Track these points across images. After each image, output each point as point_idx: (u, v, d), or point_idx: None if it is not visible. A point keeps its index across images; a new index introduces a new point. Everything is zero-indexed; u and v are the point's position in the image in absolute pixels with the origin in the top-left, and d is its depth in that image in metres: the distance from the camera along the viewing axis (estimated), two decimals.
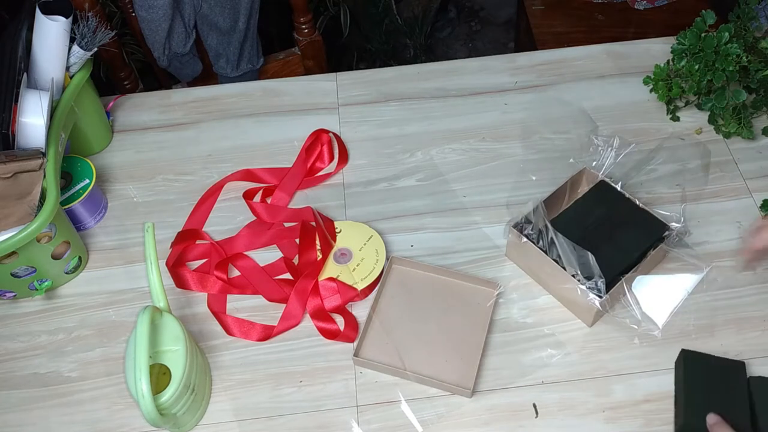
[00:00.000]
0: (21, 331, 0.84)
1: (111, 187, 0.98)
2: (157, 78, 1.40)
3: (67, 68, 0.90)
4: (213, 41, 1.29)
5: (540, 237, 0.80)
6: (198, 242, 0.91)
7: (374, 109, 1.04)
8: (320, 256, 0.86)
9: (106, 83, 1.41)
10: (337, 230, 0.89)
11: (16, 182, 0.79)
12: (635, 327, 0.79)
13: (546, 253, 0.79)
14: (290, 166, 0.97)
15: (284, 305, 0.83)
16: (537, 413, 0.75)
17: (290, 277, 0.86)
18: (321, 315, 0.82)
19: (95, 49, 0.90)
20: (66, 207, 0.88)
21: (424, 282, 0.85)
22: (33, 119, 0.82)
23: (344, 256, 0.87)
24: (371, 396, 0.77)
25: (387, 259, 0.86)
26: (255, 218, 0.93)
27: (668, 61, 1.01)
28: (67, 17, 0.86)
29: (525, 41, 1.68)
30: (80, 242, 0.89)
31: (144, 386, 0.63)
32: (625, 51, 1.09)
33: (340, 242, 0.88)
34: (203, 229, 0.92)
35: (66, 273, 0.87)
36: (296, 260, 0.88)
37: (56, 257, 0.84)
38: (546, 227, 0.79)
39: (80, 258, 0.88)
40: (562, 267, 0.78)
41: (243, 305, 0.85)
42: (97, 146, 1.01)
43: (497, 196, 0.93)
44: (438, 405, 0.76)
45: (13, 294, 0.85)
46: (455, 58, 1.58)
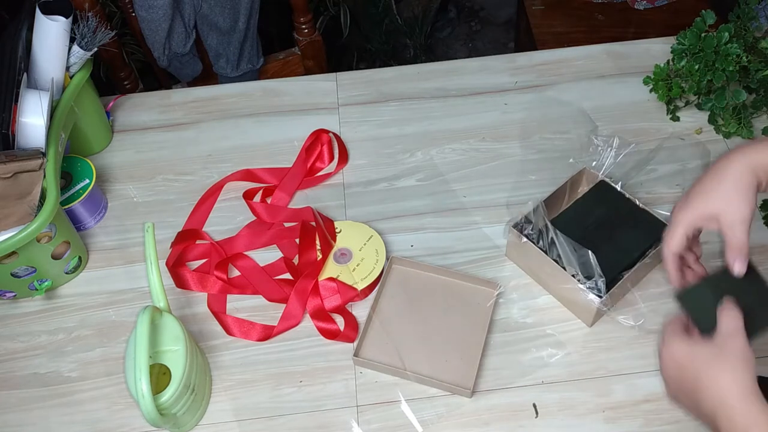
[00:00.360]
0: (21, 331, 0.84)
1: (111, 187, 0.98)
2: (157, 78, 1.40)
3: (67, 68, 0.90)
4: (213, 41, 1.29)
5: (540, 237, 0.80)
6: (198, 242, 0.91)
7: (374, 109, 1.04)
8: (320, 256, 0.86)
9: (106, 83, 1.41)
10: (337, 230, 0.89)
11: (16, 182, 0.79)
12: (635, 326, 0.79)
13: (546, 253, 0.79)
14: (290, 166, 0.97)
15: (284, 305, 0.83)
16: (537, 413, 0.75)
17: (290, 277, 0.86)
18: (321, 315, 0.82)
19: (95, 49, 0.90)
20: (66, 207, 0.88)
21: (424, 282, 0.85)
22: (33, 119, 0.82)
23: (344, 256, 0.87)
24: (371, 396, 0.77)
25: (387, 259, 0.86)
26: (255, 218, 0.93)
27: (668, 61, 1.01)
28: (67, 17, 0.86)
29: (525, 41, 1.68)
30: (80, 242, 0.89)
31: (144, 386, 0.63)
32: (625, 51, 1.09)
33: (340, 242, 0.88)
34: (203, 229, 0.92)
35: (66, 273, 0.87)
36: (296, 260, 0.88)
37: (56, 257, 0.84)
38: (546, 227, 0.79)
39: (80, 258, 0.88)
40: (562, 267, 0.78)
41: (243, 305, 0.85)
42: (97, 146, 1.01)
43: (497, 196, 0.93)
44: (438, 405, 0.76)
45: (13, 294, 0.85)
46: (455, 58, 1.58)
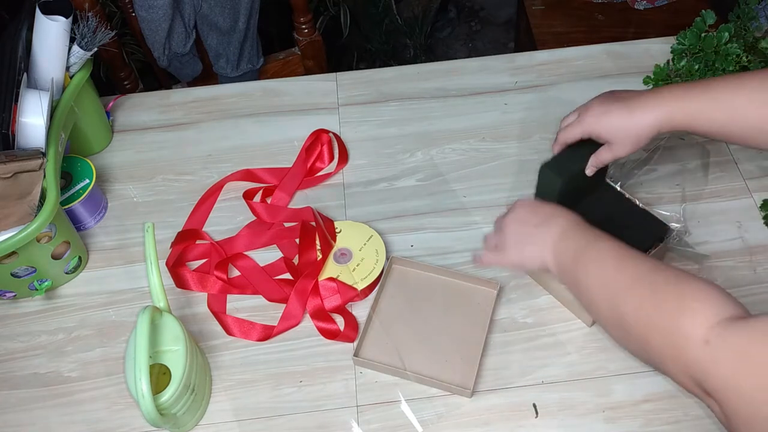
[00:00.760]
0: (21, 331, 0.84)
1: (111, 187, 0.98)
2: (157, 78, 1.40)
3: (67, 68, 0.90)
4: (213, 41, 1.29)
5: None
6: (198, 242, 0.91)
7: (374, 109, 1.04)
8: (320, 256, 0.86)
9: (106, 83, 1.41)
10: (337, 230, 0.89)
11: (16, 182, 0.79)
12: None
13: None
14: (290, 166, 0.97)
15: (284, 305, 0.83)
16: (537, 413, 0.75)
17: (290, 277, 0.86)
18: (321, 315, 0.82)
19: (95, 49, 0.90)
20: (66, 207, 0.88)
21: (424, 282, 0.85)
22: (33, 119, 0.82)
23: (344, 256, 0.87)
24: (371, 396, 0.77)
25: (387, 259, 0.86)
26: (255, 218, 0.93)
27: (668, 61, 1.01)
28: (67, 17, 0.86)
29: (525, 41, 1.68)
30: (80, 242, 0.89)
31: (144, 386, 0.63)
32: (625, 51, 1.09)
33: (340, 242, 0.88)
34: (203, 229, 0.92)
35: (66, 273, 0.87)
36: (296, 260, 0.88)
37: (56, 257, 0.84)
38: None
39: (80, 258, 0.88)
40: None
41: (243, 305, 0.85)
42: (97, 146, 1.01)
43: (497, 196, 0.93)
44: (438, 405, 0.76)
45: (13, 294, 0.85)
46: (455, 58, 1.58)
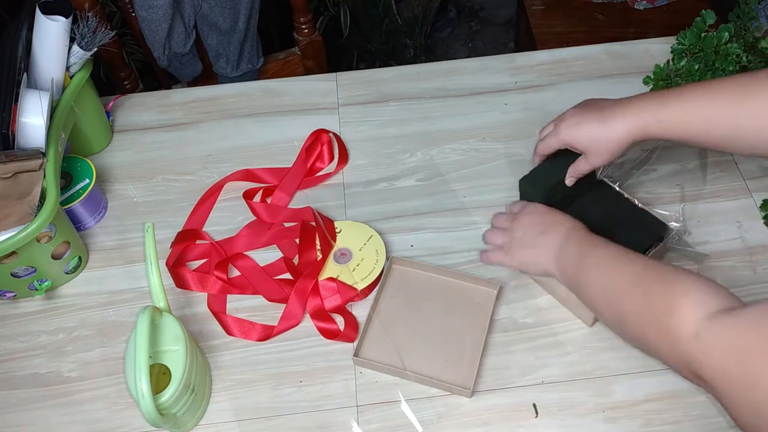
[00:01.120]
0: (21, 331, 0.84)
1: (111, 187, 0.98)
2: (157, 78, 1.40)
3: (67, 68, 0.90)
4: (213, 41, 1.29)
5: None
6: (198, 242, 0.91)
7: (374, 109, 1.04)
8: (320, 256, 0.86)
9: (106, 83, 1.41)
10: (337, 230, 0.89)
11: (16, 182, 0.79)
12: None
13: None
14: (290, 166, 0.97)
15: (284, 305, 0.83)
16: (537, 413, 0.75)
17: (290, 277, 0.86)
18: (321, 315, 0.82)
19: (95, 49, 0.90)
20: (66, 207, 0.88)
21: (424, 282, 0.85)
22: (33, 119, 0.82)
23: (344, 256, 0.87)
24: (371, 396, 0.77)
25: (387, 259, 0.86)
26: (255, 218, 0.93)
27: (668, 61, 1.01)
28: (67, 17, 0.86)
29: (525, 41, 1.68)
30: (80, 242, 0.89)
31: (144, 386, 0.63)
32: (625, 51, 1.09)
33: (340, 242, 0.88)
34: (203, 229, 0.92)
35: (66, 273, 0.87)
36: (296, 260, 0.88)
37: (56, 257, 0.84)
38: None
39: (80, 258, 0.88)
40: None
41: (243, 305, 0.85)
42: (97, 146, 1.01)
43: (497, 196, 0.93)
44: (438, 405, 0.76)
45: (13, 294, 0.85)
46: (455, 58, 1.58)
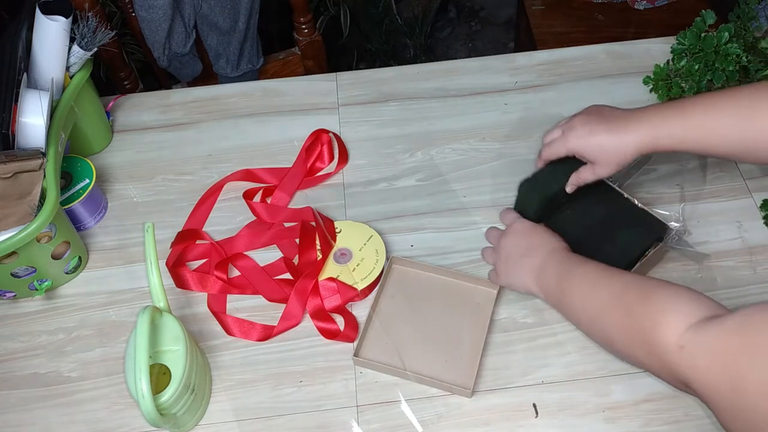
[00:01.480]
0: (21, 331, 0.84)
1: (111, 187, 0.98)
2: (157, 78, 1.40)
3: (67, 68, 0.90)
4: (213, 41, 1.29)
5: None
6: (198, 242, 0.91)
7: (374, 109, 1.04)
8: (320, 256, 0.86)
9: (106, 83, 1.41)
10: (337, 230, 0.89)
11: (16, 182, 0.79)
12: None
13: None
14: (290, 166, 0.97)
15: (284, 305, 0.83)
16: (537, 413, 0.75)
17: (290, 277, 0.86)
18: (321, 315, 0.82)
19: (95, 49, 0.90)
20: (66, 207, 0.88)
21: (424, 282, 0.85)
22: (33, 119, 0.82)
23: (344, 256, 0.87)
24: (371, 396, 0.77)
25: (387, 259, 0.86)
26: (255, 218, 0.93)
27: (668, 61, 1.01)
28: (67, 17, 0.86)
29: (525, 41, 1.68)
30: (80, 242, 0.89)
31: (144, 386, 0.63)
32: (625, 51, 1.09)
33: (340, 242, 0.88)
34: (203, 229, 0.92)
35: (66, 273, 0.87)
36: (296, 260, 0.88)
37: (56, 257, 0.84)
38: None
39: (80, 258, 0.88)
40: None
41: (243, 305, 0.85)
42: (97, 146, 1.01)
43: (497, 196, 0.93)
44: (438, 405, 0.76)
45: (13, 294, 0.85)
46: (455, 58, 1.58)
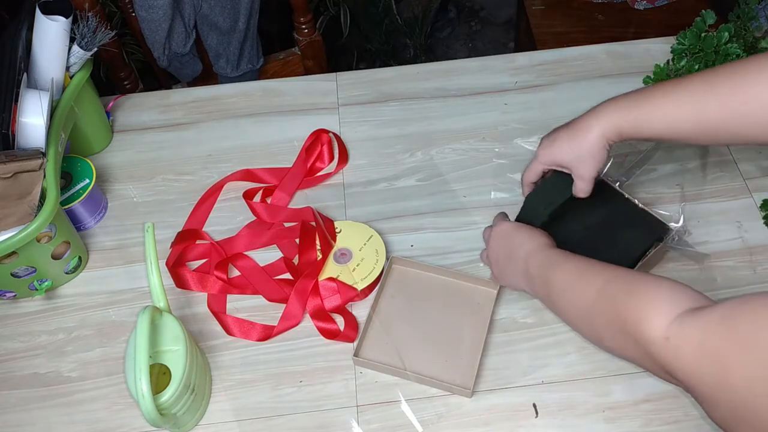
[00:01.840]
0: (21, 331, 0.84)
1: (111, 187, 0.98)
2: (157, 78, 1.40)
3: (67, 68, 0.90)
4: (213, 41, 1.29)
5: None
6: (198, 242, 0.91)
7: (374, 109, 1.04)
8: (320, 256, 0.86)
9: (106, 83, 1.41)
10: (337, 230, 0.89)
11: (16, 182, 0.79)
12: None
13: None
14: (290, 166, 0.97)
15: (284, 305, 0.83)
16: (537, 413, 0.75)
17: (290, 277, 0.86)
18: (321, 315, 0.82)
19: (95, 49, 0.90)
20: (66, 207, 0.88)
21: (424, 282, 0.85)
22: (33, 119, 0.82)
23: (344, 256, 0.87)
24: (371, 396, 0.77)
25: (387, 259, 0.86)
26: (255, 218, 0.93)
27: (668, 61, 1.01)
28: (67, 17, 0.86)
29: (525, 41, 1.68)
30: (80, 242, 0.89)
31: (144, 386, 0.63)
32: (625, 51, 1.09)
33: (340, 242, 0.88)
34: (203, 229, 0.92)
35: (66, 273, 0.87)
36: (296, 260, 0.88)
37: (56, 257, 0.84)
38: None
39: (80, 258, 0.88)
40: None
41: (243, 305, 0.85)
42: (97, 146, 1.01)
43: (497, 196, 0.93)
44: (438, 405, 0.76)
45: (13, 294, 0.85)
46: (455, 58, 1.58)
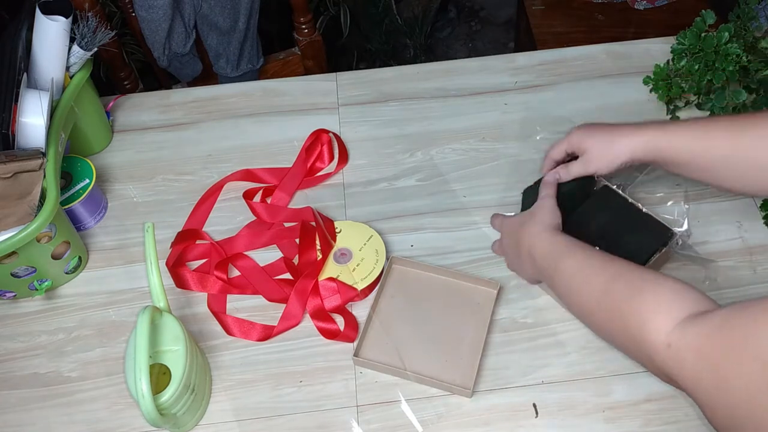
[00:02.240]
0: (21, 331, 0.84)
1: (111, 187, 0.98)
2: (157, 78, 1.40)
3: (67, 68, 0.90)
4: (213, 41, 1.29)
5: None
6: (198, 242, 0.91)
7: (374, 109, 1.04)
8: (320, 256, 0.86)
9: (106, 83, 1.41)
10: (337, 230, 0.89)
11: (16, 182, 0.79)
12: None
13: None
14: (290, 166, 0.97)
15: (284, 305, 0.83)
16: (537, 413, 0.75)
17: (290, 277, 0.86)
18: (321, 315, 0.82)
19: (95, 49, 0.90)
20: (66, 207, 0.88)
21: (424, 282, 0.85)
22: (33, 119, 0.82)
23: (344, 256, 0.87)
24: (371, 396, 0.77)
25: (387, 259, 0.86)
26: (255, 218, 0.93)
27: (668, 61, 1.01)
28: (67, 17, 0.86)
29: (525, 41, 1.68)
30: (80, 242, 0.89)
31: (144, 386, 0.63)
32: (625, 51, 1.09)
33: (340, 242, 0.88)
34: (203, 229, 0.92)
35: (66, 273, 0.87)
36: (296, 260, 0.88)
37: (56, 257, 0.84)
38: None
39: (80, 258, 0.88)
40: None
41: (243, 305, 0.85)
42: (97, 146, 1.01)
43: (497, 196, 0.93)
44: (438, 405, 0.76)
45: (13, 294, 0.85)
46: (455, 58, 1.58)
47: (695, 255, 0.83)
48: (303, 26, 1.37)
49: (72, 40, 0.88)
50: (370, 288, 0.85)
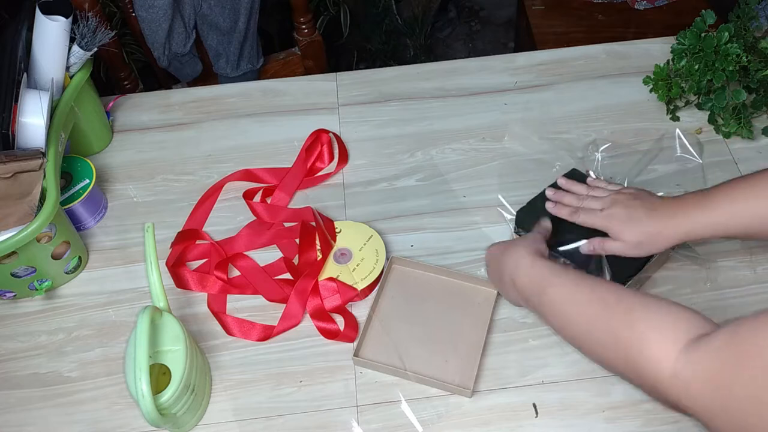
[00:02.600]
0: (21, 331, 0.84)
1: (111, 187, 0.98)
2: (157, 78, 1.40)
3: (67, 68, 0.90)
4: (213, 41, 1.29)
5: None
6: (198, 242, 0.91)
7: (374, 109, 1.04)
8: (320, 256, 0.86)
9: (106, 83, 1.41)
10: (337, 230, 0.89)
11: (16, 182, 0.79)
12: None
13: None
14: (290, 166, 0.97)
15: (284, 305, 0.83)
16: (537, 413, 0.75)
17: (290, 277, 0.86)
18: (321, 315, 0.82)
19: (95, 49, 0.90)
20: (66, 207, 0.88)
21: (424, 282, 0.85)
22: (33, 119, 0.82)
23: (344, 256, 0.87)
24: (371, 396, 0.77)
25: (387, 259, 0.86)
26: (255, 218, 0.93)
27: (668, 61, 1.01)
28: (67, 17, 0.86)
29: (525, 41, 1.68)
30: (80, 242, 0.89)
31: (144, 386, 0.63)
32: (625, 51, 1.09)
33: (340, 242, 0.88)
34: (203, 229, 0.92)
35: (66, 273, 0.87)
36: (296, 260, 0.88)
37: (56, 257, 0.84)
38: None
39: (80, 258, 0.88)
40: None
41: (243, 305, 0.85)
42: (97, 146, 1.01)
43: (497, 196, 0.93)
44: (438, 405, 0.76)
45: (13, 294, 0.85)
46: (455, 58, 1.58)
47: (695, 255, 0.83)
48: (303, 26, 1.38)
49: (72, 40, 0.88)
50: (370, 288, 0.85)
